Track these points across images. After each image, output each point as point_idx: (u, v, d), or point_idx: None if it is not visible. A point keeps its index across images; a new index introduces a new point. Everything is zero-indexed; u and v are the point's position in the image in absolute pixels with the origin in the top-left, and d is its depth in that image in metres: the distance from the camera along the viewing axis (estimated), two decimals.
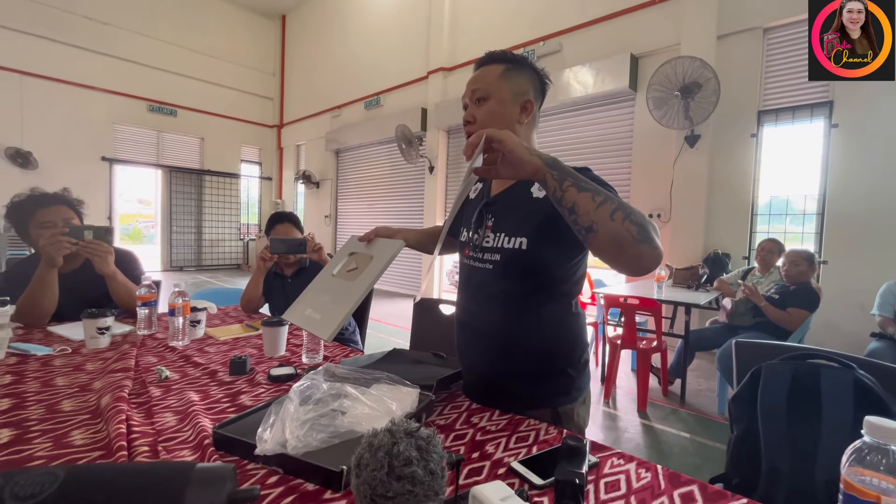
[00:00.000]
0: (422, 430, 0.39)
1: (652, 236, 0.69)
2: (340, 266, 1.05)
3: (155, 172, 9.02)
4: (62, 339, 1.32)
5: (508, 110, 0.94)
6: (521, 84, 0.95)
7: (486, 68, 0.97)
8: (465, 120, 0.97)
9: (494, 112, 0.94)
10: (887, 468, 0.43)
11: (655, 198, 4.40)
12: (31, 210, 1.53)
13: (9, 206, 1.56)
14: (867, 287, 3.05)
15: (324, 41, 9.01)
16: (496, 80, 0.95)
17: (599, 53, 4.73)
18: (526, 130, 0.97)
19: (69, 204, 1.60)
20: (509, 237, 0.93)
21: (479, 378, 1.01)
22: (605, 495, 0.62)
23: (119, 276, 1.55)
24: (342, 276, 1.02)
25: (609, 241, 0.69)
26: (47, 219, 1.52)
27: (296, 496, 0.60)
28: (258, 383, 1.04)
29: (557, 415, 0.95)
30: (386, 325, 4.96)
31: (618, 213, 0.69)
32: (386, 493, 0.35)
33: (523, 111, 0.96)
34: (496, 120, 0.94)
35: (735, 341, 1.23)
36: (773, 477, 0.99)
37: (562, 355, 0.96)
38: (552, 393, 0.95)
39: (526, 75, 0.97)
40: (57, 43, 7.45)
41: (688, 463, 2.12)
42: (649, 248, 0.69)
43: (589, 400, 1.03)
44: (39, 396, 0.90)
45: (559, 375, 0.96)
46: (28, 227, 1.53)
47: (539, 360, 0.95)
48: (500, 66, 0.96)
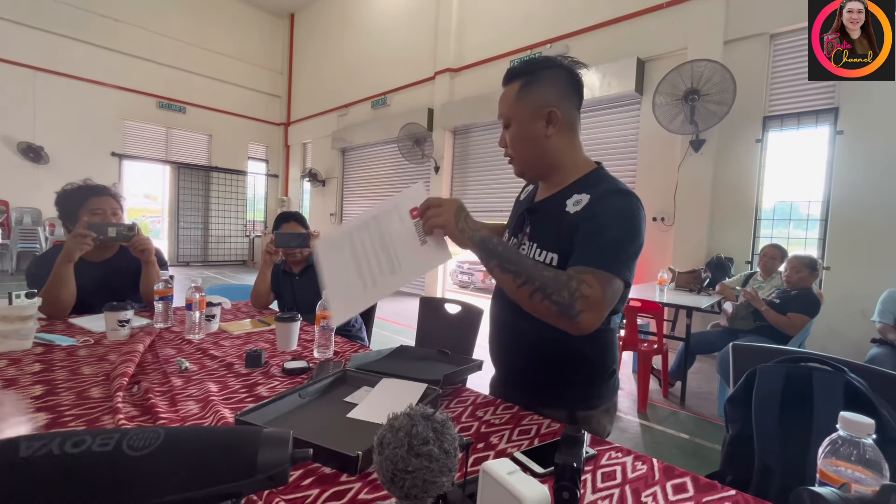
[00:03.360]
0: (437, 415, 0.44)
1: (573, 311, 0.76)
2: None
3: (163, 168, 9.12)
4: (83, 331, 1.38)
5: (532, 129, 0.92)
6: (540, 97, 0.91)
7: (506, 89, 0.95)
8: (500, 144, 0.99)
9: (518, 136, 0.94)
10: (857, 459, 0.48)
11: (660, 201, 4.43)
12: (85, 196, 1.63)
13: (61, 192, 1.66)
14: (869, 294, 3.06)
15: (332, 40, 9.08)
16: (514, 103, 0.93)
17: (606, 57, 4.76)
18: (558, 141, 0.93)
19: (115, 198, 1.71)
20: (541, 250, 0.91)
21: (507, 371, 1.05)
22: (602, 484, 0.67)
23: (156, 267, 1.68)
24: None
25: (533, 313, 0.80)
26: (99, 206, 1.63)
27: (314, 479, 0.64)
28: (273, 375, 1.09)
29: (575, 419, 0.98)
30: (391, 323, 5.01)
31: (536, 294, 0.78)
32: (406, 468, 0.39)
33: (549, 124, 0.91)
34: (523, 143, 0.94)
35: (732, 344, 1.27)
36: (765, 474, 1.03)
37: (588, 365, 0.97)
38: (571, 397, 0.96)
39: (547, 82, 0.92)
40: (70, 39, 7.57)
41: (686, 463, 2.15)
42: (569, 321, 0.77)
43: (613, 411, 1.03)
44: (69, 384, 0.96)
45: (582, 383, 0.97)
46: (79, 212, 1.61)
47: (570, 364, 0.96)
48: (516, 83, 0.93)
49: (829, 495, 0.35)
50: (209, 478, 0.28)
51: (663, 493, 0.65)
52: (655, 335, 2.99)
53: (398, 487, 0.40)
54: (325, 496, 0.61)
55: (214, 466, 0.29)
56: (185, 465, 0.28)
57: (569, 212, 0.89)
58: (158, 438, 0.28)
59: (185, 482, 0.28)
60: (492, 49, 6.00)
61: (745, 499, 0.64)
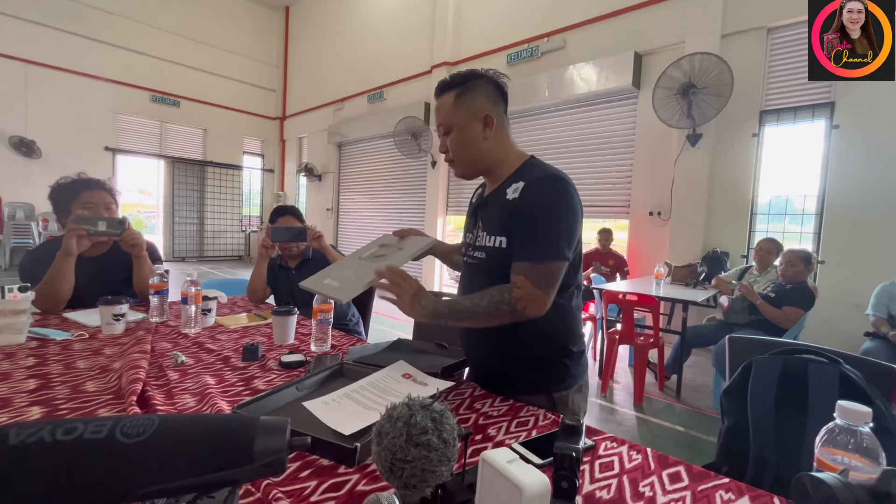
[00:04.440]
0: (435, 405, 0.43)
1: (518, 312, 0.91)
2: (369, 252, 1.11)
3: (157, 163, 9.04)
4: (78, 325, 1.37)
5: (470, 133, 1.01)
6: (475, 103, 1.00)
7: (441, 100, 1.03)
8: (441, 150, 1.07)
9: (458, 140, 1.02)
10: (854, 447, 0.48)
11: (656, 195, 4.43)
12: (78, 190, 1.61)
13: (55, 186, 1.63)
14: (863, 287, 3.09)
15: (327, 33, 9.00)
16: (451, 111, 1.01)
17: (603, 51, 4.74)
18: (494, 141, 1.03)
19: (110, 192, 1.68)
20: (490, 236, 1.00)
21: (479, 364, 1.09)
22: (600, 474, 0.67)
23: (148, 261, 1.66)
24: (369, 259, 1.08)
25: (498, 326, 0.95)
26: (91, 200, 1.60)
27: (311, 470, 0.64)
28: (270, 369, 1.08)
29: (553, 401, 1.00)
30: (388, 317, 5.01)
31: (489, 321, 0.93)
32: (405, 458, 0.39)
33: (486, 126, 1.01)
34: (464, 146, 1.02)
35: (728, 337, 1.28)
36: (760, 465, 1.04)
37: (555, 344, 1.02)
38: (547, 380, 1.01)
39: (479, 90, 1.01)
40: (62, 32, 7.46)
41: (681, 455, 2.15)
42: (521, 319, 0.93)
43: (586, 389, 1.08)
44: (63, 378, 0.95)
45: (553, 363, 1.02)
46: (71, 206, 1.59)
47: (533, 347, 1.00)
48: (451, 93, 1.01)
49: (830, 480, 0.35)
50: (205, 465, 0.27)
51: (660, 482, 0.65)
52: (652, 329, 3.01)
53: (397, 477, 0.40)
54: (322, 487, 0.60)
55: (210, 453, 0.28)
56: (180, 453, 0.28)
57: (508, 199, 0.98)
58: (153, 425, 0.28)
59: (181, 469, 0.27)
60: (489, 43, 5.96)
61: (738, 486, 0.64)
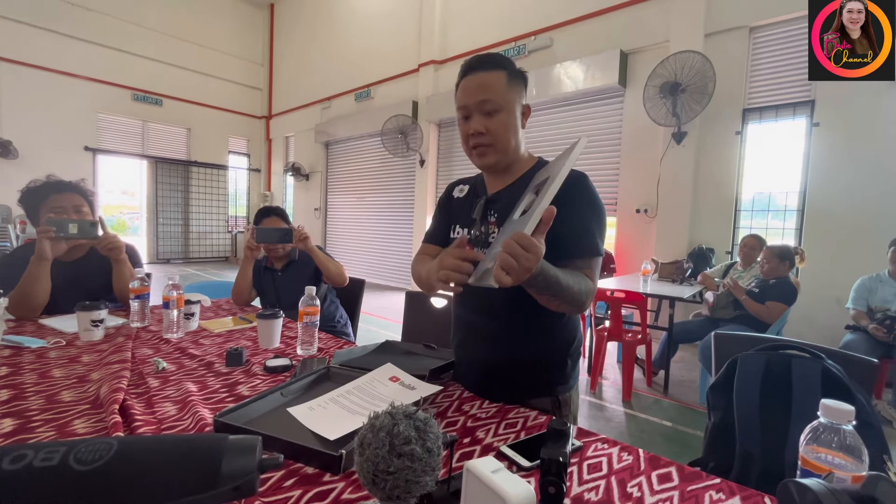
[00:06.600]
0: (419, 413, 0.42)
1: (586, 306, 0.88)
2: (521, 208, 0.86)
3: (140, 163, 8.85)
4: (55, 332, 1.33)
5: (516, 118, 0.93)
6: (522, 89, 0.95)
7: (490, 75, 0.91)
8: (477, 131, 0.91)
9: (506, 123, 0.91)
10: (838, 445, 0.48)
11: (643, 193, 4.47)
12: (46, 194, 1.55)
13: (24, 190, 1.57)
14: (843, 282, 3.15)
15: (313, 31, 8.89)
16: (505, 90, 0.90)
17: (590, 49, 4.77)
18: (522, 134, 0.98)
19: (82, 193, 1.62)
20: None
21: (480, 369, 1.02)
22: (588, 475, 0.67)
23: (128, 264, 1.61)
24: (521, 219, 0.82)
25: None
26: (59, 204, 1.54)
27: (296, 479, 0.63)
28: (254, 374, 1.06)
29: (558, 402, 0.98)
30: (377, 318, 4.98)
31: (570, 305, 0.84)
32: (387, 469, 0.38)
33: (524, 116, 0.96)
34: (509, 130, 0.92)
35: (714, 333, 1.29)
36: (746, 460, 1.05)
37: (561, 344, 0.99)
38: (553, 381, 0.99)
39: (523, 79, 0.96)
40: (38, 28, 7.25)
41: (669, 450, 2.20)
42: (581, 312, 0.90)
43: (578, 386, 1.08)
44: (38, 387, 0.92)
45: (558, 364, 0.99)
46: (40, 211, 1.54)
47: (540, 349, 0.98)
48: (501, 72, 0.91)
49: (816, 487, 0.35)
50: (166, 491, 0.25)
51: (648, 482, 0.65)
52: (639, 325, 3.03)
53: (380, 489, 0.39)
54: (307, 497, 0.59)
55: (172, 479, 0.26)
56: (139, 479, 0.26)
57: None
58: (110, 450, 0.26)
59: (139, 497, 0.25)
60: (476, 41, 5.95)
61: (728, 486, 0.64)
